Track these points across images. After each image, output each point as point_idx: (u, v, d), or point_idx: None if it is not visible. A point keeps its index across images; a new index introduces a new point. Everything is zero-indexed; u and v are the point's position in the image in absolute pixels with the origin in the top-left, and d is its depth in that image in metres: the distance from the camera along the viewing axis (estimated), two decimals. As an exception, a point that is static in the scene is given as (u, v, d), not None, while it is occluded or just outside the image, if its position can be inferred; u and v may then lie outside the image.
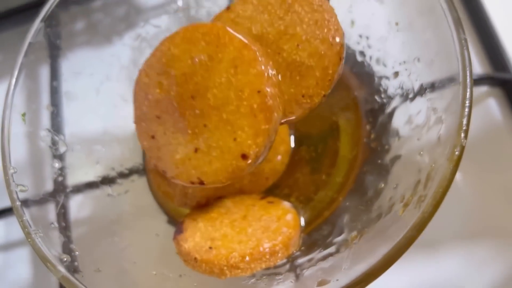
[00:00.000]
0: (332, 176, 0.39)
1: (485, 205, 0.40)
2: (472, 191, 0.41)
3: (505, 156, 0.42)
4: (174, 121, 0.30)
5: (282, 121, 0.31)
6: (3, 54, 0.60)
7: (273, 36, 0.31)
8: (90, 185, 0.38)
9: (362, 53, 0.39)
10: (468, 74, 0.27)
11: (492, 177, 0.41)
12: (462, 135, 0.26)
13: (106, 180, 0.39)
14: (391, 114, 0.36)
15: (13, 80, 0.34)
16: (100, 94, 0.41)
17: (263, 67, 0.28)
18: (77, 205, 0.37)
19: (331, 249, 0.32)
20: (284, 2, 0.31)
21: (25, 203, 0.32)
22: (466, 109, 0.26)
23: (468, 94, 0.26)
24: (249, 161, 0.29)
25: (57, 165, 0.36)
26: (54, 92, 0.40)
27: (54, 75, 0.41)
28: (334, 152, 0.39)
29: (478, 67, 0.45)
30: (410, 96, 0.34)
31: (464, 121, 0.26)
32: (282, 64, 0.30)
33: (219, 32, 0.29)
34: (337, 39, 0.30)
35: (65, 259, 0.30)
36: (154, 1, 0.46)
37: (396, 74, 0.35)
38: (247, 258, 0.32)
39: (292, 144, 0.41)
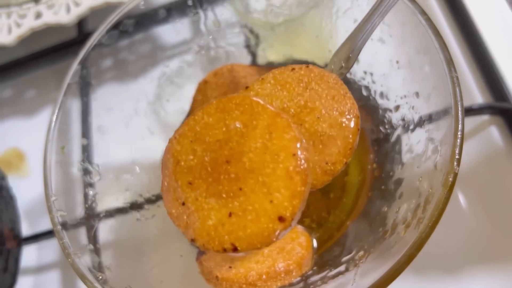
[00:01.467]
0: (342, 201, 0.42)
1: (487, 228, 0.42)
2: (475, 214, 0.43)
3: (506, 181, 0.44)
4: (207, 186, 0.31)
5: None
6: (36, 90, 0.65)
7: (294, 109, 0.33)
8: (120, 210, 0.42)
9: (367, 88, 0.42)
10: (459, 108, 0.30)
11: (494, 201, 0.44)
12: (455, 163, 0.29)
13: (135, 206, 0.43)
14: (394, 144, 0.39)
15: (54, 117, 0.38)
16: (129, 128, 0.45)
17: (296, 133, 0.30)
18: (109, 229, 0.40)
19: (341, 268, 0.35)
20: (301, 80, 0.33)
21: (64, 226, 0.36)
22: (458, 140, 0.29)
23: (460, 126, 0.29)
24: (286, 223, 0.29)
25: (91, 192, 0.40)
26: (87, 126, 0.44)
27: (86, 110, 0.45)
28: (344, 179, 0.42)
29: (480, 97, 0.48)
30: (411, 127, 0.37)
31: (457, 151, 0.29)
32: (305, 134, 0.32)
33: (252, 102, 0.31)
34: (354, 112, 0.33)
35: (100, 277, 0.33)
36: (176, 39, 0.50)
37: (397, 108, 0.38)
38: (264, 277, 0.35)
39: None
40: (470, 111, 0.46)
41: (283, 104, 0.33)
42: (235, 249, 0.29)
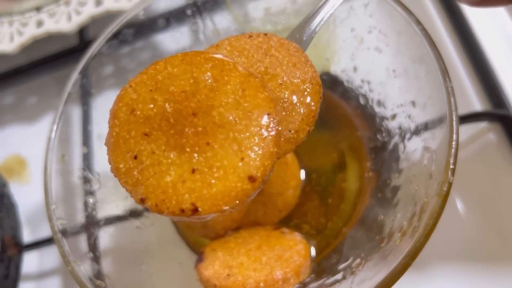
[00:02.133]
0: (340, 209, 0.42)
1: (486, 235, 0.43)
2: (473, 221, 0.43)
3: (504, 188, 0.45)
4: (167, 138, 0.28)
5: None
6: (38, 97, 0.66)
7: None
8: (120, 218, 0.42)
9: (364, 96, 0.42)
10: (454, 118, 0.30)
11: (493, 208, 0.44)
12: (449, 173, 0.29)
13: (134, 213, 0.43)
14: (391, 152, 0.39)
15: (54, 126, 0.38)
16: (129, 136, 0.45)
17: (270, 93, 0.28)
18: (108, 236, 0.41)
19: (338, 276, 0.35)
20: (260, 47, 0.32)
21: (64, 234, 0.36)
22: (453, 150, 0.29)
23: (454, 136, 0.30)
24: (255, 184, 0.26)
25: (91, 200, 0.40)
26: (87, 134, 0.45)
27: (86, 118, 0.45)
28: (342, 186, 0.42)
29: (478, 104, 0.49)
30: (407, 135, 0.37)
31: (451, 161, 0.29)
32: None
33: (223, 60, 0.29)
34: (316, 79, 0.31)
35: (100, 284, 0.34)
36: (175, 48, 0.50)
37: (393, 116, 0.39)
38: (262, 285, 0.35)
39: (302, 177, 0.44)
40: (468, 118, 0.46)
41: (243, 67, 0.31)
42: (195, 210, 0.26)
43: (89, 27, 0.61)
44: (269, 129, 0.27)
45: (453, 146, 0.29)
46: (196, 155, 0.27)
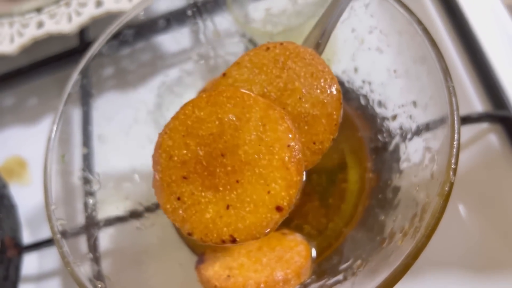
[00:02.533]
0: (341, 209, 0.42)
1: (487, 237, 0.43)
2: (474, 222, 0.43)
3: (505, 189, 0.44)
4: (203, 180, 0.31)
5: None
6: (38, 98, 0.66)
7: (274, 93, 0.33)
8: (120, 219, 0.42)
9: (365, 97, 0.42)
10: (455, 118, 0.30)
11: (493, 209, 0.44)
12: (451, 173, 0.29)
13: (135, 214, 0.43)
14: (392, 152, 0.39)
15: (55, 127, 0.38)
16: (129, 136, 0.45)
17: (289, 124, 0.31)
18: (108, 237, 0.41)
19: (339, 277, 0.35)
20: (277, 61, 0.33)
21: (64, 235, 0.36)
22: (454, 150, 0.29)
23: (456, 136, 0.29)
24: (283, 212, 0.30)
25: (91, 201, 0.40)
26: (87, 135, 0.45)
27: (87, 119, 0.45)
28: (343, 187, 0.42)
29: (479, 105, 0.48)
30: (409, 136, 0.37)
31: (453, 160, 0.29)
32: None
33: (244, 95, 0.31)
34: (334, 86, 0.32)
35: (100, 285, 0.34)
36: (176, 49, 0.50)
37: (394, 117, 0.39)
38: (262, 286, 0.35)
39: (303, 178, 0.44)
40: (469, 119, 0.46)
41: (263, 89, 0.33)
42: (233, 241, 0.30)
43: (89, 28, 0.61)
44: (291, 160, 0.30)
45: (455, 146, 0.29)
46: (228, 192, 0.30)
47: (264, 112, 0.31)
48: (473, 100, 0.48)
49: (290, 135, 0.30)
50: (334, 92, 0.32)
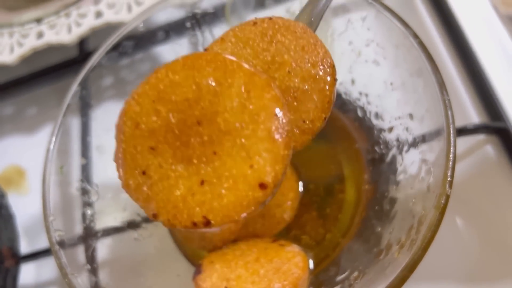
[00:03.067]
0: (338, 220, 0.42)
1: (484, 248, 0.43)
2: (471, 234, 0.43)
3: (502, 200, 0.45)
4: (174, 151, 0.27)
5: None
6: (37, 107, 0.66)
7: (261, 67, 0.30)
8: (118, 230, 0.42)
9: (362, 109, 0.42)
10: (451, 131, 0.30)
11: (490, 220, 0.44)
12: (447, 185, 0.29)
13: (133, 225, 0.43)
14: (389, 164, 0.39)
15: (53, 138, 0.39)
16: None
17: (277, 92, 0.27)
18: (106, 248, 0.41)
19: (336, 289, 0.35)
20: (265, 34, 0.30)
21: (62, 245, 0.36)
22: (450, 163, 0.29)
23: (452, 149, 0.30)
24: (267, 190, 0.25)
25: (89, 212, 0.40)
26: (86, 146, 0.45)
27: (85, 130, 0.45)
28: (340, 197, 0.42)
29: (476, 116, 0.49)
30: (405, 148, 0.37)
31: (449, 173, 0.29)
32: None
33: (226, 60, 0.27)
34: (328, 60, 0.30)
35: (97, 297, 0.34)
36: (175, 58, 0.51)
37: (390, 129, 0.39)
38: (260, 297, 0.35)
39: (301, 189, 0.44)
40: (465, 131, 0.46)
41: (248, 63, 0.28)
42: (207, 223, 0.26)
43: (89, 39, 0.62)
44: (278, 131, 0.26)
45: (451, 158, 0.30)
46: (203, 166, 0.26)
47: (249, 78, 0.27)
48: (470, 111, 0.49)
49: (278, 104, 0.26)
50: (327, 67, 0.29)
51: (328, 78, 0.29)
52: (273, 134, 0.26)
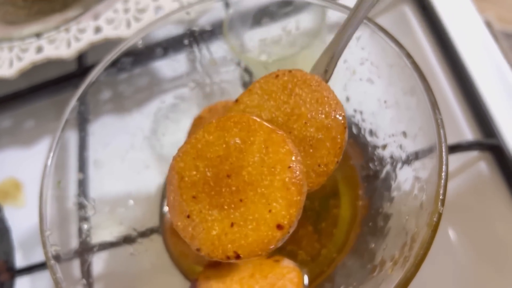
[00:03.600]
0: (333, 235, 0.42)
1: (477, 264, 0.43)
2: (465, 250, 0.44)
3: (495, 216, 0.45)
4: (210, 199, 0.33)
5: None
6: (35, 120, 0.66)
7: (282, 118, 0.35)
8: (113, 244, 0.42)
9: (357, 126, 0.43)
10: (443, 150, 0.31)
11: (483, 236, 0.44)
12: (439, 203, 0.30)
13: (128, 240, 0.43)
14: (383, 181, 0.40)
15: (51, 154, 0.39)
16: (125, 162, 0.46)
17: (291, 146, 0.32)
18: (102, 263, 0.41)
19: (330, 305, 0.36)
20: (286, 87, 0.35)
21: (57, 260, 0.36)
22: (442, 181, 0.30)
23: (444, 167, 0.30)
24: (284, 230, 0.31)
25: (85, 226, 0.41)
26: (83, 161, 0.45)
27: (83, 145, 0.46)
28: (335, 214, 0.43)
29: (470, 133, 0.49)
30: (399, 165, 0.38)
31: (441, 191, 0.30)
32: (295, 141, 0.34)
33: (249, 120, 0.33)
34: (339, 111, 0.34)
35: (92, 312, 0.34)
36: (172, 75, 0.51)
37: (384, 146, 0.39)
38: (254, 313, 0.35)
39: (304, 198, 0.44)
40: (459, 148, 0.47)
41: (271, 114, 0.35)
42: (237, 257, 0.32)
43: (87, 53, 0.62)
44: (292, 181, 0.31)
45: (443, 177, 0.30)
46: (233, 211, 0.32)
47: (268, 136, 0.33)
48: (463, 128, 0.49)
49: (292, 157, 0.32)
50: (339, 117, 0.34)
51: (338, 126, 0.34)
52: (287, 183, 0.31)
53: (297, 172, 0.32)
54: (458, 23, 0.54)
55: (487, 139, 0.48)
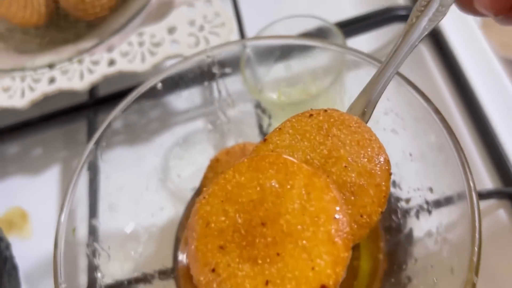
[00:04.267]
0: (353, 287, 0.41)
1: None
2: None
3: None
4: (240, 250, 0.28)
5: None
6: (43, 148, 0.65)
7: (318, 161, 0.31)
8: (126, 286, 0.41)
9: (379, 176, 0.42)
10: (476, 217, 0.30)
11: (502, 284, 0.43)
12: (473, 273, 0.29)
13: (140, 280, 0.42)
14: (407, 235, 0.39)
15: (66, 202, 0.38)
16: (140, 205, 0.44)
17: (336, 193, 0.28)
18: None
19: None
20: (321, 128, 0.32)
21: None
22: (476, 249, 0.29)
23: (477, 235, 0.29)
24: None
25: (99, 274, 0.39)
26: (95, 205, 0.44)
27: (94, 189, 0.44)
28: (355, 265, 0.42)
29: (489, 182, 0.49)
30: (424, 222, 0.37)
31: (475, 259, 0.29)
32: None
33: (287, 161, 0.29)
34: (383, 156, 0.31)
35: None
36: (189, 116, 0.51)
37: (408, 200, 0.38)
38: None
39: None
40: (479, 196, 0.46)
41: (305, 156, 0.31)
42: None
43: (99, 84, 0.61)
44: (338, 234, 0.27)
45: (476, 245, 0.29)
46: (268, 266, 0.27)
47: (309, 180, 0.29)
48: (483, 176, 0.49)
49: (337, 206, 0.28)
50: (383, 162, 0.31)
51: (384, 173, 0.30)
52: (333, 236, 0.27)
53: (344, 224, 0.27)
54: (476, 68, 0.54)
55: (507, 188, 0.48)
